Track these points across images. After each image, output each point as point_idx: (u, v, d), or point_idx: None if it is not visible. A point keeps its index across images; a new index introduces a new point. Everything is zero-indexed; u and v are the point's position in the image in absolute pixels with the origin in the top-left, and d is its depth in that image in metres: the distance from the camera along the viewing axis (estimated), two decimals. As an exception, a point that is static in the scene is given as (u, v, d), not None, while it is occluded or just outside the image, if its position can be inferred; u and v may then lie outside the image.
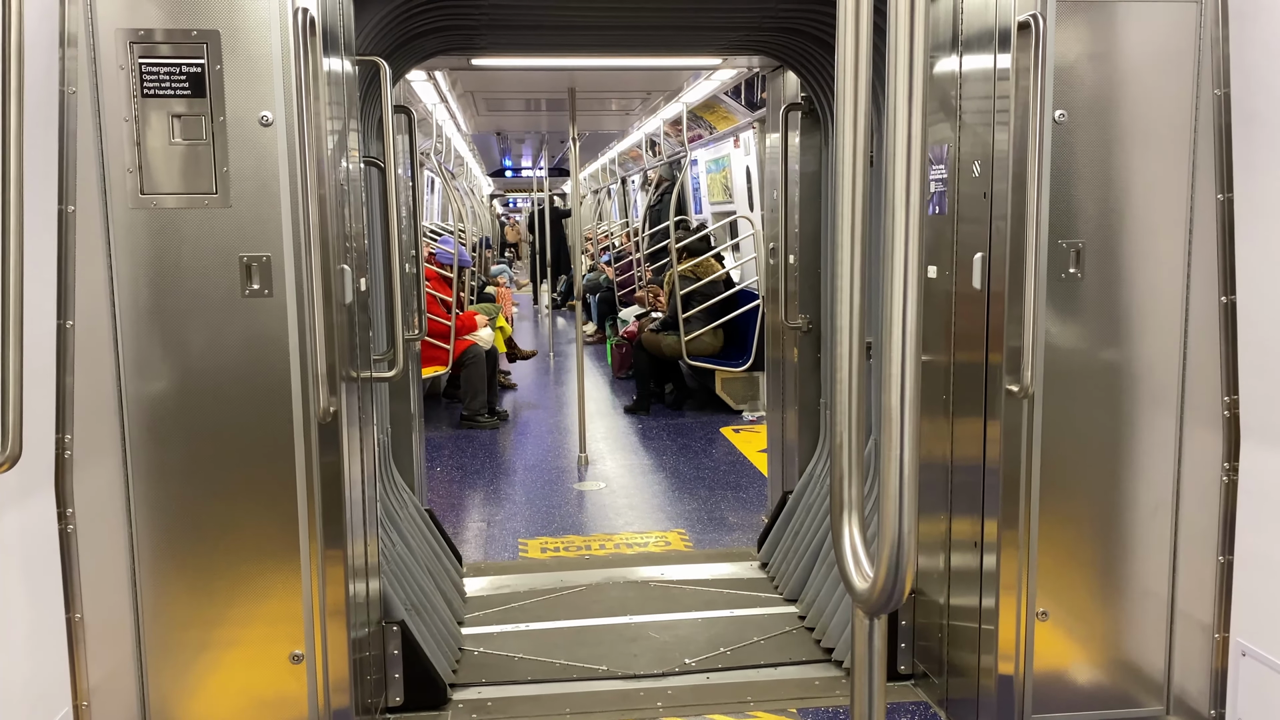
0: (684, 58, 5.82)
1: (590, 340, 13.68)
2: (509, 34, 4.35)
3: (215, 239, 2.71)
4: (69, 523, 2.71)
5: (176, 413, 2.77)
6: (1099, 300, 3.04)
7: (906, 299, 1.45)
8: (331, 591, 2.90)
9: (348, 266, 2.95)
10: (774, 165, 4.99)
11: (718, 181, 10.98)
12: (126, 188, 2.67)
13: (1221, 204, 2.99)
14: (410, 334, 4.46)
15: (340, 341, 2.88)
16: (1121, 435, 3.09)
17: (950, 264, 3.34)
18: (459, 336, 8.25)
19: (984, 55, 3.09)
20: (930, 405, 3.54)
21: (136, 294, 2.71)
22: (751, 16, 4.06)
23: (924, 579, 3.63)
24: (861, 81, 1.48)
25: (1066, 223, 2.99)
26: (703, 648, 4.08)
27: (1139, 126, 2.99)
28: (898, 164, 1.44)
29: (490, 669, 3.91)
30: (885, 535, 1.49)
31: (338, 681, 2.94)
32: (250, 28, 2.64)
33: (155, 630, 2.85)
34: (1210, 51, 2.96)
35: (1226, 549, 3.09)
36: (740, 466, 7.16)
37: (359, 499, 3.09)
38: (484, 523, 6.01)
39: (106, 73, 2.62)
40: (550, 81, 7.46)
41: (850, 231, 1.52)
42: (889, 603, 1.55)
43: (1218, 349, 3.04)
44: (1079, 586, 3.15)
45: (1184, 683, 3.19)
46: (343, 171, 2.97)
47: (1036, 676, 3.16)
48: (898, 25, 1.41)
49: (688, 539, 5.65)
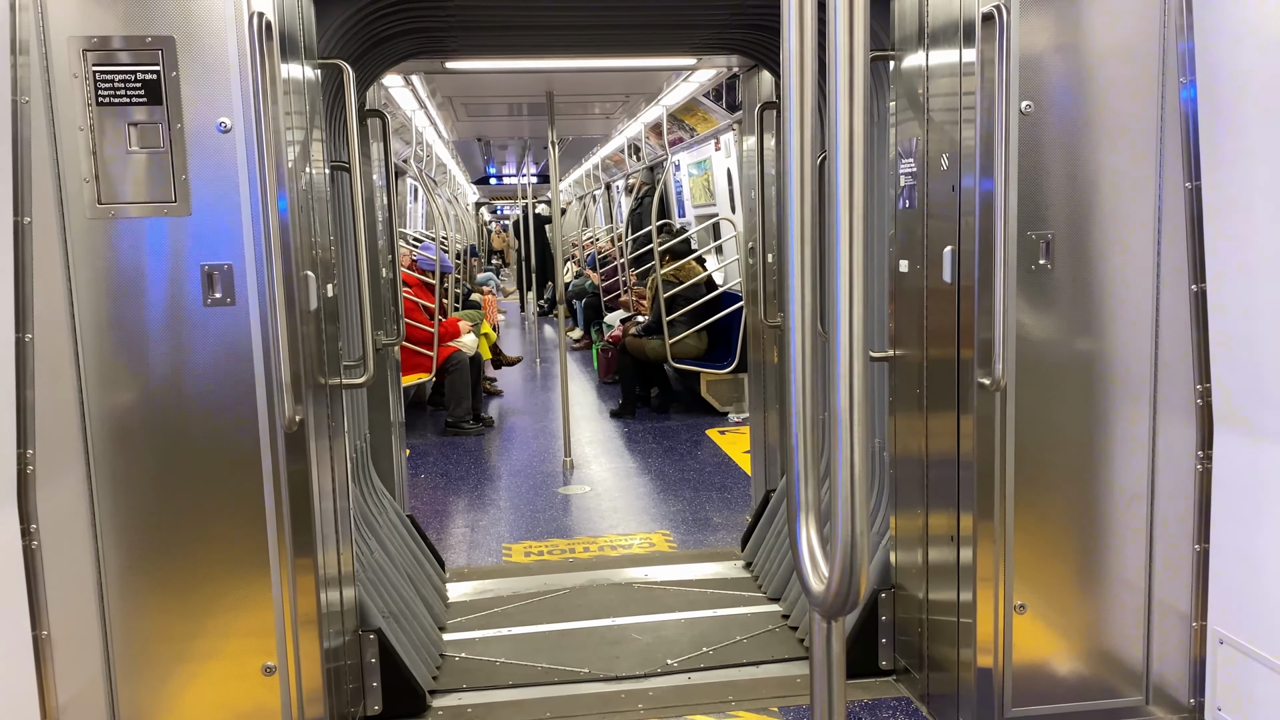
0: (657, 57, 5.82)
1: (576, 345, 13.66)
2: (479, 35, 4.33)
3: (176, 248, 2.69)
4: (33, 539, 2.68)
5: (141, 425, 2.74)
6: (1069, 291, 3.03)
7: (853, 295, 1.44)
8: (303, 601, 2.87)
9: (312, 273, 2.93)
10: (751, 166, 4.98)
11: (700, 184, 10.97)
12: (84, 198, 2.64)
13: (1189, 192, 2.99)
14: (388, 339, 4.44)
15: (306, 349, 2.85)
16: (1095, 426, 3.08)
17: (921, 258, 3.33)
18: (442, 343, 8.22)
19: (950, 48, 3.08)
20: (905, 401, 3.53)
21: (97, 305, 2.68)
22: (720, 14, 4.05)
23: (903, 574, 3.62)
24: (808, 74, 1.47)
25: (1035, 214, 2.98)
26: (685, 648, 4.06)
27: (1106, 116, 2.98)
28: (841, 156, 1.42)
29: (471, 674, 3.89)
30: (838, 536, 1.47)
31: (311, 692, 2.91)
32: (206, 33, 2.62)
33: (125, 646, 2.81)
34: (1175, 40, 2.96)
35: (1202, 537, 3.08)
36: (725, 467, 7.15)
37: (329, 508, 3.07)
38: (468, 528, 5.98)
39: (60, 81, 2.59)
40: (528, 85, 7.44)
41: (800, 228, 1.51)
42: (844, 605, 1.53)
43: (1189, 338, 3.03)
44: (1056, 578, 3.14)
45: (1163, 672, 3.18)
46: (305, 177, 2.95)
47: (1016, 669, 3.14)
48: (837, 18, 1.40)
49: (672, 540, 5.63)
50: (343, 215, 3.86)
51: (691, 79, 7.26)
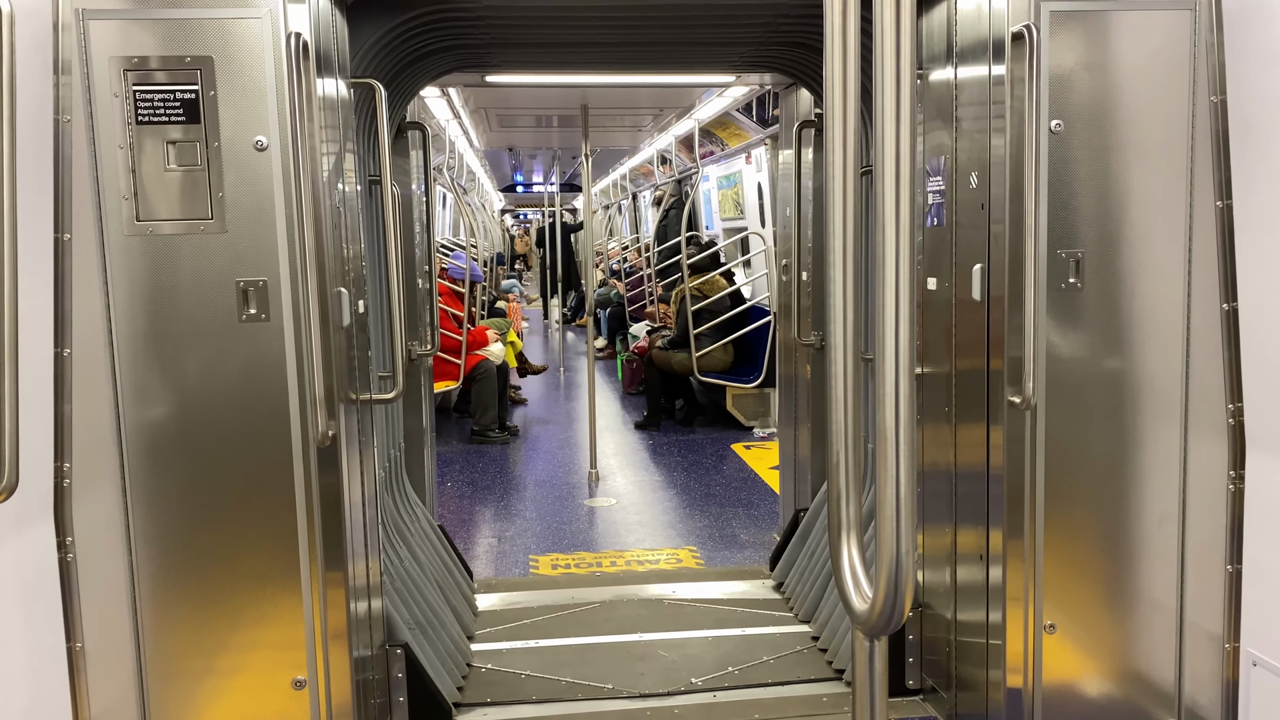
0: (694, 75, 5.81)
1: (600, 355, 13.68)
2: (517, 52, 4.36)
3: (212, 264, 2.72)
4: (68, 551, 2.71)
5: (175, 439, 2.77)
6: (1099, 310, 3.01)
7: (899, 315, 1.43)
8: (333, 615, 2.89)
9: (345, 289, 2.96)
10: (786, 182, 4.98)
11: (729, 198, 10.97)
12: (122, 215, 2.68)
13: (1220, 211, 2.96)
14: (423, 349, 4.47)
15: (339, 365, 2.88)
16: (1125, 445, 3.06)
17: (950, 275, 3.33)
18: (470, 352, 8.27)
19: (979, 66, 3.08)
20: (933, 415, 3.52)
21: (133, 321, 2.72)
22: (758, 32, 4.05)
23: (931, 593, 3.60)
24: (850, 93, 1.47)
25: (1065, 232, 2.97)
26: (711, 667, 4.05)
27: (1136, 135, 2.97)
28: (887, 176, 1.42)
29: (497, 687, 3.90)
30: (883, 556, 1.47)
31: (340, 706, 2.93)
32: (243, 53, 2.66)
33: (156, 658, 2.84)
34: (1205, 59, 2.94)
35: (1234, 558, 3.05)
36: (751, 483, 7.14)
37: (360, 521, 3.09)
38: (495, 539, 6.01)
39: (101, 100, 2.63)
40: (563, 98, 7.47)
41: (842, 246, 1.50)
42: (889, 624, 1.52)
43: (1220, 357, 3.01)
44: (1086, 598, 3.11)
45: (1195, 694, 3.15)
46: (339, 194, 2.98)
47: (1046, 690, 3.12)
48: (884, 36, 1.40)
49: (699, 556, 5.63)
50: (375, 230, 3.90)
51: (726, 94, 7.28)
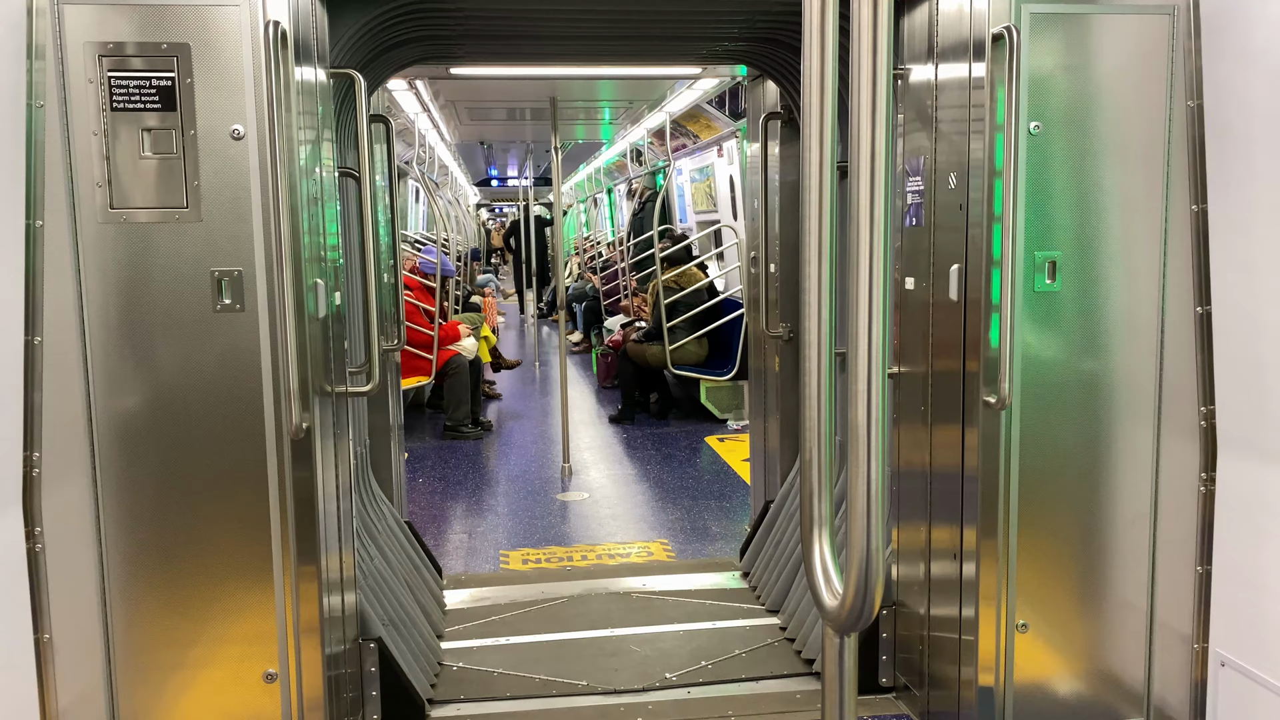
0: (664, 67, 5.82)
1: (576, 349, 13.66)
2: (487, 44, 4.33)
3: (186, 253, 2.68)
4: (37, 541, 2.67)
5: (147, 429, 2.74)
6: (1075, 311, 3.03)
7: (873, 310, 1.44)
8: (305, 609, 2.87)
9: (320, 280, 2.93)
10: (754, 174, 4.98)
11: (702, 190, 10.99)
12: (96, 202, 2.64)
13: (1195, 215, 2.99)
14: (389, 344, 4.44)
15: (314, 356, 2.85)
16: (1099, 445, 3.09)
17: (928, 275, 3.34)
18: (442, 346, 8.22)
19: (959, 66, 3.09)
20: (909, 415, 3.53)
21: (106, 309, 2.68)
22: (729, 27, 4.06)
23: (905, 589, 3.62)
24: (828, 90, 1.47)
25: (1042, 234, 2.99)
26: (684, 661, 4.05)
27: (1113, 138, 2.99)
28: (862, 173, 1.42)
29: (469, 684, 3.88)
30: (854, 554, 1.47)
31: (312, 700, 2.91)
32: (221, 40, 2.62)
33: (126, 650, 2.81)
34: (1183, 63, 2.97)
35: (1205, 559, 3.09)
36: (725, 476, 7.15)
37: (333, 514, 3.07)
38: (465, 534, 5.98)
39: (75, 86, 2.59)
40: (532, 90, 7.46)
41: (817, 242, 1.50)
42: (858, 621, 1.53)
43: (1193, 359, 3.04)
44: (1059, 597, 3.14)
45: (1164, 694, 3.19)
46: (316, 184, 2.95)
47: (1017, 688, 3.15)
48: (861, 34, 1.40)
49: (670, 549, 5.63)
50: (349, 221, 3.87)
51: (695, 86, 7.29)
